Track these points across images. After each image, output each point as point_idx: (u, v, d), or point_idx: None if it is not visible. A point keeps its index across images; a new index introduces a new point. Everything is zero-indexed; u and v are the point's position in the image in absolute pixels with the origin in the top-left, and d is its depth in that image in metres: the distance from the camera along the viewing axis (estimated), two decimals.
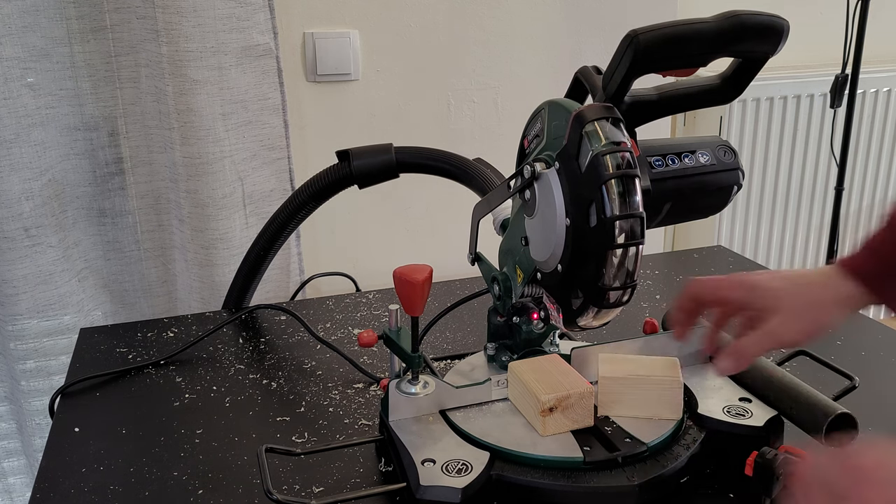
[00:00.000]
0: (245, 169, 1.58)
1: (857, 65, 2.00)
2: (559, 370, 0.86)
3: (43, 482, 0.85)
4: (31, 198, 1.45)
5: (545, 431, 0.81)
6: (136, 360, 1.11)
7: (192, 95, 1.48)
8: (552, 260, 0.82)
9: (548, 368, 0.86)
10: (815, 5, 2.20)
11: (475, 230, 0.97)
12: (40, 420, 1.57)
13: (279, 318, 1.24)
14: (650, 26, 0.79)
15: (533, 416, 0.82)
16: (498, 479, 0.77)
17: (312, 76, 1.71)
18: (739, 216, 2.29)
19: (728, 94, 0.89)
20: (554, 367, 0.86)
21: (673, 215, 0.93)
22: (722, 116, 2.13)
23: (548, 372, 0.85)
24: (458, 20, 1.77)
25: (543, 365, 0.87)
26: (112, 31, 1.50)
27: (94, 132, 1.54)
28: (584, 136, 0.76)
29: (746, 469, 0.77)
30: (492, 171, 1.14)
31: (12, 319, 1.50)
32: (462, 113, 1.84)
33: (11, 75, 1.41)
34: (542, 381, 0.83)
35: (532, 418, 0.83)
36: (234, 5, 1.48)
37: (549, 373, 0.85)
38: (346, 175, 1.19)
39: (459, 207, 1.20)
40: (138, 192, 1.61)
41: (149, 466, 0.88)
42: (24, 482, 1.69)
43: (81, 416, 0.98)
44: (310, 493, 0.82)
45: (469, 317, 1.21)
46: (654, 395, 0.84)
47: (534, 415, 0.82)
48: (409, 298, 0.82)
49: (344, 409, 0.98)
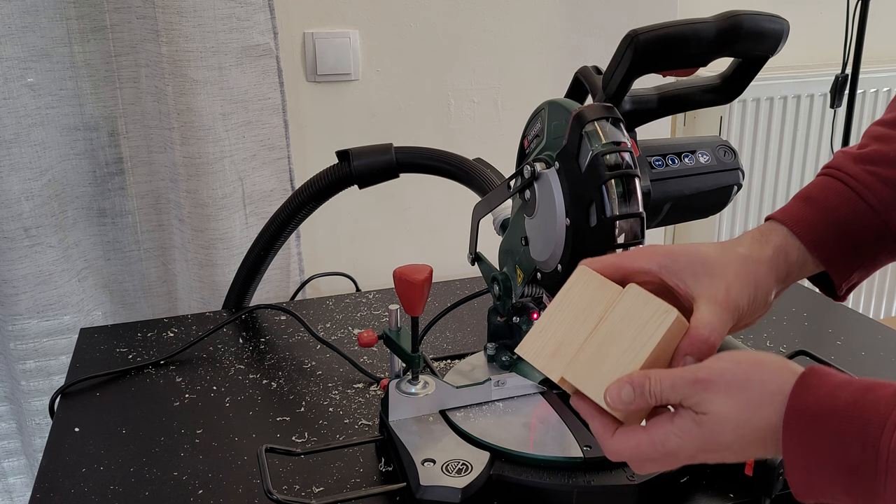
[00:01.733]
0: (245, 169, 1.58)
1: (857, 65, 1.99)
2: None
3: (43, 482, 0.85)
4: (31, 198, 1.45)
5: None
6: (136, 360, 1.11)
7: (192, 95, 1.48)
8: (552, 260, 0.82)
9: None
10: (815, 5, 2.20)
11: (475, 230, 0.97)
12: (40, 420, 1.57)
13: (279, 318, 1.24)
14: (650, 26, 0.79)
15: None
16: (498, 479, 0.78)
17: (312, 76, 1.71)
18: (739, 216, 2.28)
19: (728, 94, 0.89)
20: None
21: (673, 215, 0.93)
22: (722, 116, 2.12)
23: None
24: (458, 20, 1.77)
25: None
26: (112, 31, 1.50)
27: (94, 132, 1.54)
28: (584, 136, 0.76)
29: (746, 469, 0.77)
30: (492, 171, 1.14)
31: (12, 319, 1.50)
32: (462, 113, 1.84)
33: (11, 75, 1.40)
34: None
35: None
36: (234, 5, 1.48)
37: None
38: (346, 175, 1.19)
39: (459, 207, 1.20)
40: (138, 192, 1.61)
41: (149, 466, 0.88)
42: (24, 482, 1.69)
43: (81, 416, 0.98)
44: (310, 493, 0.82)
45: (469, 317, 1.21)
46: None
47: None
48: (409, 298, 0.82)
49: (344, 409, 0.98)
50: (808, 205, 0.69)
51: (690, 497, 0.80)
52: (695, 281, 0.63)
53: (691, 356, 0.61)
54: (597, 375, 0.60)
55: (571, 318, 0.63)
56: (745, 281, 0.64)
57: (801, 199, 0.70)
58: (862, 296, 2.44)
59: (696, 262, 0.64)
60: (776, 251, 0.67)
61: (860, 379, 0.55)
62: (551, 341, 0.63)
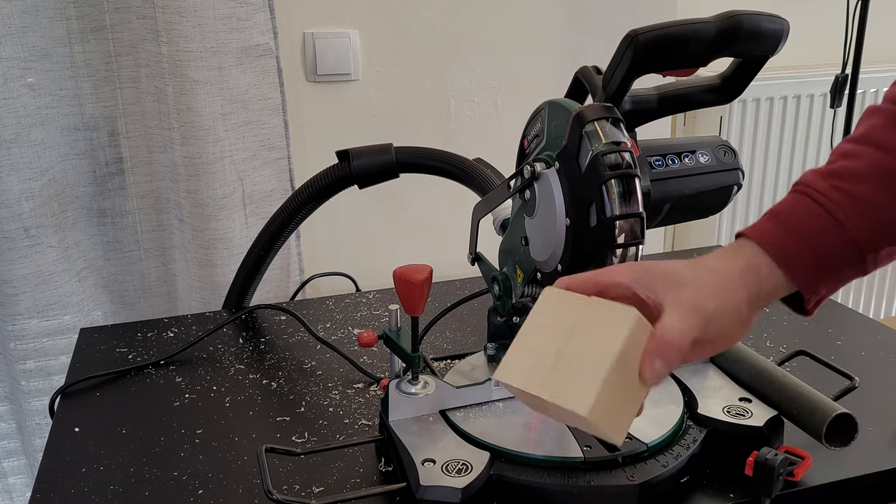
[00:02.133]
0: (245, 169, 1.58)
1: (857, 65, 1.99)
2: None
3: (43, 482, 0.85)
4: (31, 198, 1.45)
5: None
6: (136, 360, 1.11)
7: (192, 95, 1.48)
8: (552, 260, 0.82)
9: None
10: (815, 5, 2.20)
11: (475, 230, 0.97)
12: (40, 420, 1.57)
13: (279, 318, 1.24)
14: (650, 26, 0.79)
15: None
16: (498, 479, 0.77)
17: (312, 76, 1.71)
18: (739, 216, 2.28)
19: (728, 94, 0.89)
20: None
21: (673, 215, 0.93)
22: (722, 116, 2.12)
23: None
24: (458, 20, 1.77)
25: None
26: (112, 31, 1.50)
27: (94, 132, 1.54)
28: (584, 136, 0.76)
29: (746, 469, 0.77)
30: (492, 171, 1.14)
31: (12, 319, 1.50)
32: (462, 113, 1.84)
33: (11, 75, 1.40)
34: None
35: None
36: (234, 5, 1.48)
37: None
38: (346, 175, 1.19)
39: (459, 207, 1.20)
40: (138, 192, 1.61)
41: (149, 466, 0.88)
42: (24, 482, 1.69)
43: (81, 416, 0.98)
44: (310, 493, 0.82)
45: (469, 317, 1.21)
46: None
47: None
48: (409, 298, 0.82)
49: (344, 409, 0.98)
50: (778, 221, 0.70)
51: (690, 497, 0.80)
52: (664, 291, 0.65)
53: (658, 358, 0.63)
54: (572, 386, 0.61)
55: (543, 338, 0.64)
56: (713, 290, 0.66)
57: (771, 217, 0.71)
58: (862, 296, 2.44)
59: (667, 274, 0.66)
60: (747, 265, 0.68)
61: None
62: (526, 362, 0.64)
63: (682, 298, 0.64)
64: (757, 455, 0.76)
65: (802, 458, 0.81)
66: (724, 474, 0.82)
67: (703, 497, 0.80)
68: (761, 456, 0.76)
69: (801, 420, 0.84)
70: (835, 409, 0.82)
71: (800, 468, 0.80)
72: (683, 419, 0.85)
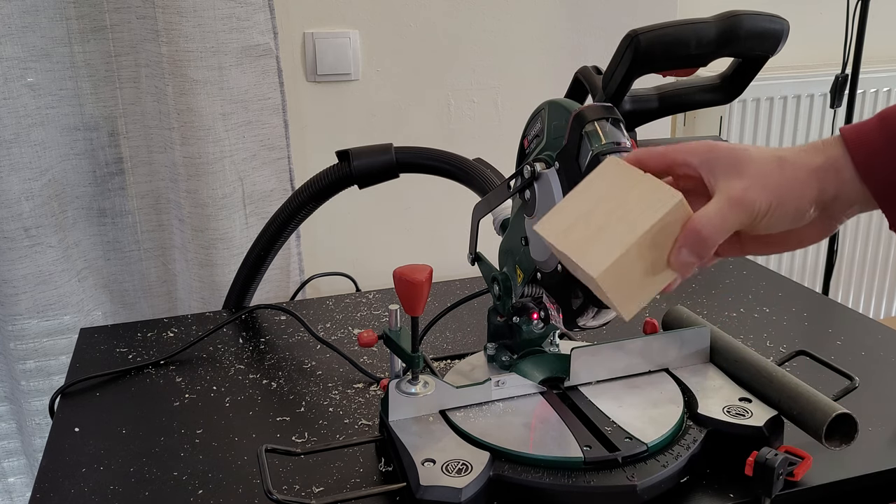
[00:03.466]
0: (245, 169, 1.58)
1: (857, 65, 1.99)
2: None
3: (43, 482, 0.85)
4: (31, 198, 1.45)
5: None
6: (136, 360, 1.11)
7: (192, 95, 1.48)
8: (552, 260, 0.82)
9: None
10: (815, 5, 2.20)
11: (475, 230, 0.97)
12: (40, 420, 1.57)
13: (279, 318, 1.24)
14: (650, 26, 0.79)
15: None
16: (498, 479, 0.77)
17: (312, 76, 1.71)
18: None
19: (728, 94, 0.89)
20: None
21: None
22: (722, 116, 2.12)
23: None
24: (458, 20, 1.77)
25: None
26: (112, 31, 1.50)
27: (94, 132, 1.54)
28: (584, 136, 0.76)
29: (746, 469, 0.77)
30: (492, 171, 1.14)
31: (12, 319, 1.50)
32: (462, 113, 1.84)
33: (11, 75, 1.41)
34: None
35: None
36: (234, 5, 1.48)
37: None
38: (346, 175, 1.19)
39: (459, 207, 1.20)
40: (138, 192, 1.61)
41: (149, 466, 0.88)
42: (24, 482, 1.69)
43: (81, 416, 0.98)
44: (310, 493, 0.82)
45: (469, 317, 1.21)
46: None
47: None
48: (409, 298, 0.82)
49: (344, 409, 0.98)
50: (881, 125, 0.62)
51: (690, 497, 0.80)
52: (722, 176, 0.62)
53: (686, 248, 0.60)
54: (595, 250, 0.62)
55: (587, 202, 0.66)
56: (773, 184, 0.60)
57: (878, 118, 0.63)
58: (862, 296, 2.44)
59: (731, 159, 0.62)
60: (827, 162, 0.61)
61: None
62: (566, 220, 0.66)
63: (733, 188, 0.60)
64: (757, 455, 0.76)
65: (802, 458, 0.81)
66: (724, 474, 0.82)
67: (703, 497, 0.80)
68: (761, 456, 0.76)
69: (801, 420, 0.84)
70: (835, 409, 0.82)
71: (800, 468, 0.80)
72: (683, 419, 0.85)
